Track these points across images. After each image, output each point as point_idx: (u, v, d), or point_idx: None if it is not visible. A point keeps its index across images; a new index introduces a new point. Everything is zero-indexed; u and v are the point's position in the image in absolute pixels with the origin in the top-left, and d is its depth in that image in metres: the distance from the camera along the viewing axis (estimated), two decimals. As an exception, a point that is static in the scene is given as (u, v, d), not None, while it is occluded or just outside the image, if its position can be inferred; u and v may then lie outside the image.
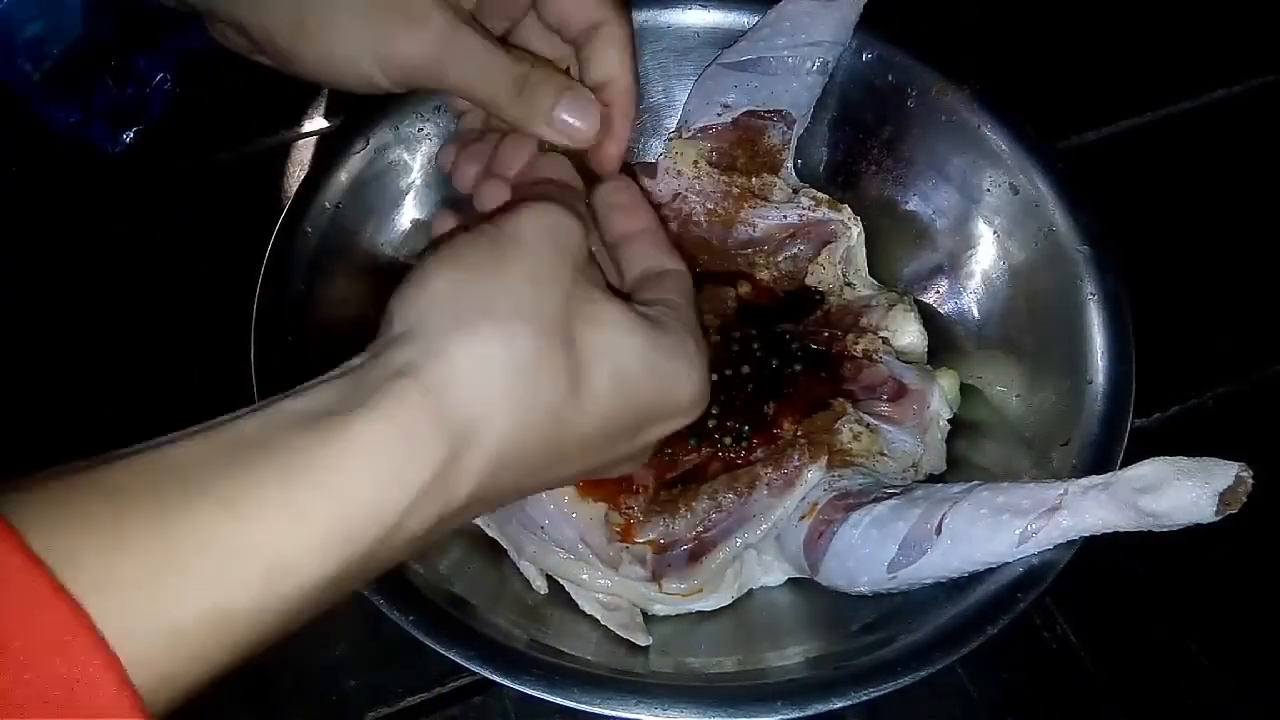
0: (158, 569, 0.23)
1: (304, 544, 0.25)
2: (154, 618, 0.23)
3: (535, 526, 0.46)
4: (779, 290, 0.56)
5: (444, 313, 0.30)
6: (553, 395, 0.30)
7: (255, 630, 0.25)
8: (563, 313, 0.31)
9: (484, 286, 0.30)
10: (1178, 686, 0.50)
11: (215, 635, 0.24)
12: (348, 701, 0.48)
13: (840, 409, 0.49)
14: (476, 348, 0.29)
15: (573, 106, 0.40)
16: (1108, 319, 0.48)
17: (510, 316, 0.30)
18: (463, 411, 0.28)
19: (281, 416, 0.27)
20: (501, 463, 0.29)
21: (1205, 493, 0.35)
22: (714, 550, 0.46)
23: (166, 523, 0.24)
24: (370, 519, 0.26)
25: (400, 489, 0.27)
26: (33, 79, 0.63)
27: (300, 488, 0.25)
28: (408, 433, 0.27)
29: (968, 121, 0.53)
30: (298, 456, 0.26)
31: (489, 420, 0.29)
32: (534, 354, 0.30)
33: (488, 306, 0.30)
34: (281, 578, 0.25)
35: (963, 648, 0.39)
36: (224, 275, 0.51)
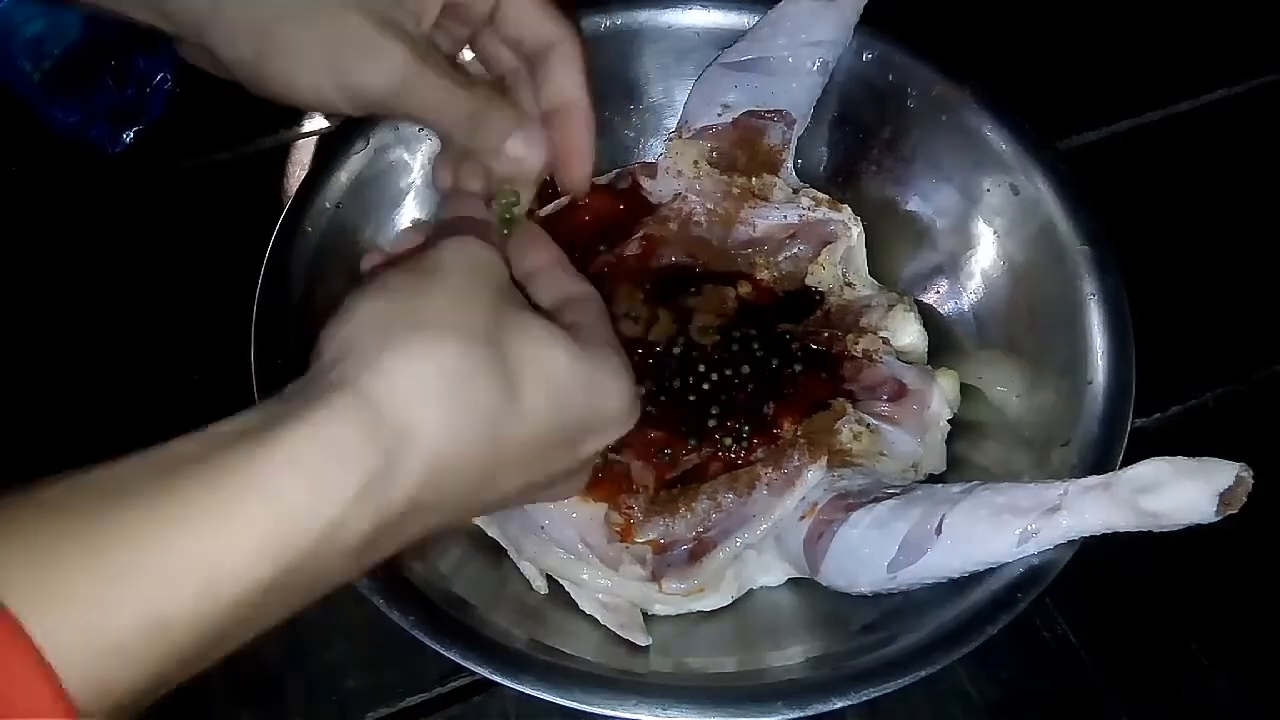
0: (91, 580, 0.23)
1: (237, 551, 0.25)
2: (89, 628, 0.23)
3: (535, 526, 0.46)
4: (779, 290, 0.55)
5: (372, 333, 0.30)
6: (488, 402, 0.31)
7: (194, 639, 0.25)
8: (489, 327, 0.32)
9: (409, 305, 0.31)
10: (1178, 686, 0.50)
11: (153, 644, 0.24)
12: (348, 701, 0.48)
13: (840, 409, 0.49)
14: (407, 359, 0.30)
15: (521, 141, 0.42)
16: (1108, 319, 0.48)
17: (438, 329, 0.31)
18: (395, 419, 0.28)
19: (215, 435, 0.27)
20: (439, 471, 0.30)
21: (1205, 493, 0.35)
22: (714, 550, 0.46)
23: (100, 537, 0.24)
24: (303, 525, 0.26)
25: (332, 495, 0.27)
26: (33, 79, 0.64)
27: (231, 497, 0.25)
28: (337, 441, 0.27)
29: (968, 121, 0.53)
30: (228, 468, 0.26)
31: (423, 427, 0.29)
32: (465, 362, 0.30)
33: (415, 321, 0.31)
34: (216, 586, 0.25)
35: (963, 648, 0.39)
36: (224, 275, 0.51)
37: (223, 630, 0.25)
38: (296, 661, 0.49)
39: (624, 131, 0.60)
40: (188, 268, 0.61)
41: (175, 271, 0.61)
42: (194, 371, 0.58)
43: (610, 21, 0.57)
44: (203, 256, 0.61)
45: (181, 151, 0.66)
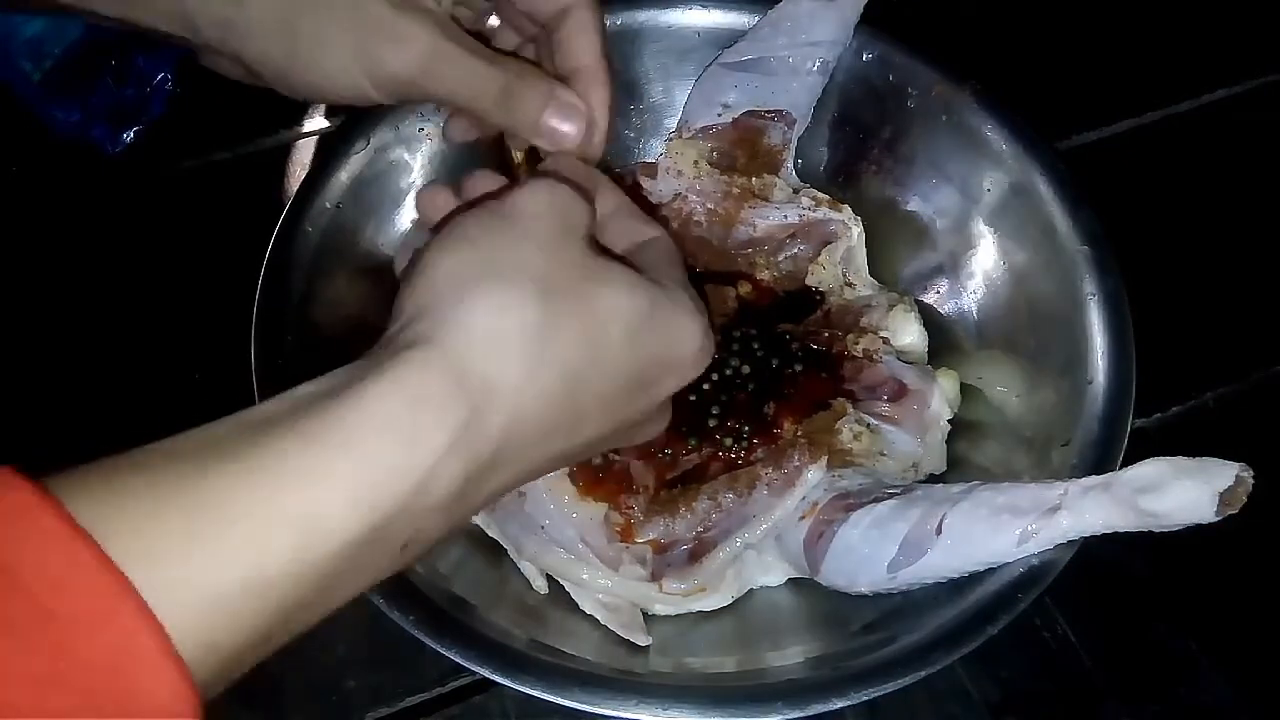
0: (194, 537, 0.24)
1: (333, 506, 0.26)
2: (194, 585, 0.23)
3: (535, 526, 0.47)
4: (779, 290, 0.56)
5: (451, 286, 0.31)
6: (568, 353, 0.31)
7: (294, 593, 0.25)
8: (571, 276, 0.32)
9: (489, 256, 0.31)
10: (1178, 686, 0.50)
11: (254, 600, 0.24)
12: (348, 701, 0.48)
13: (840, 409, 0.49)
14: (487, 312, 0.30)
15: (557, 113, 0.41)
16: (1108, 319, 0.48)
17: (519, 279, 0.31)
18: (478, 371, 0.29)
19: (302, 396, 0.28)
20: (522, 422, 0.30)
21: (1205, 493, 0.35)
22: (714, 550, 0.46)
23: (200, 494, 0.24)
24: (395, 478, 0.27)
25: (422, 449, 0.27)
26: (33, 79, 0.64)
27: (324, 453, 0.26)
28: (424, 394, 0.28)
29: (968, 121, 0.53)
30: (319, 425, 0.26)
31: (505, 379, 0.29)
32: (546, 313, 0.30)
33: (495, 273, 0.31)
34: (313, 540, 0.25)
35: (963, 648, 0.39)
36: (224, 275, 0.51)
37: (321, 585, 0.26)
38: (296, 661, 0.49)
39: (624, 131, 0.60)
40: (188, 268, 0.61)
41: (175, 271, 0.61)
42: (194, 371, 0.58)
43: (610, 21, 0.56)
44: (203, 256, 0.61)
45: (181, 151, 0.66)
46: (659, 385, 0.36)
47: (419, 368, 0.28)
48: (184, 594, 0.23)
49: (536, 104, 0.40)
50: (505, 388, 0.29)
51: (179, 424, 0.27)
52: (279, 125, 0.68)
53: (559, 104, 0.41)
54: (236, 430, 0.26)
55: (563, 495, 0.47)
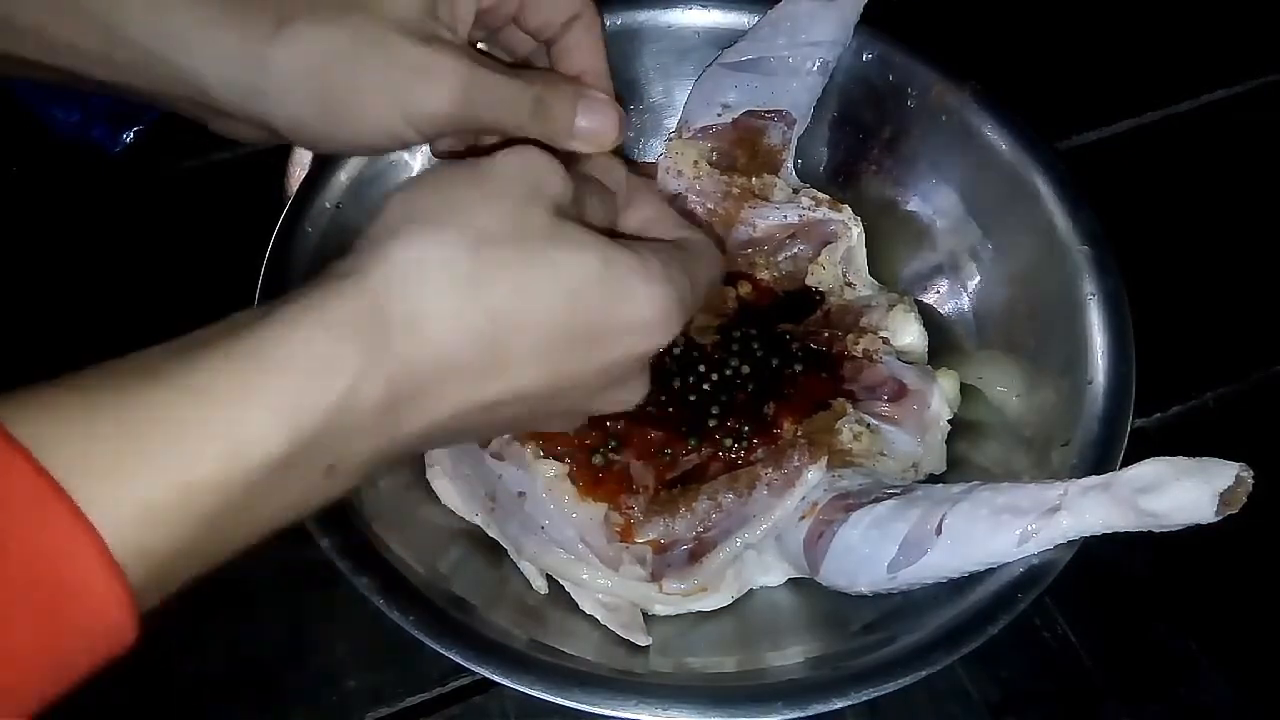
0: (125, 449, 0.25)
1: (255, 420, 0.27)
2: (126, 493, 0.25)
3: (535, 526, 0.47)
4: (779, 290, 0.56)
5: (396, 223, 0.32)
6: (496, 296, 0.32)
7: (222, 504, 0.27)
8: (513, 230, 0.33)
9: (441, 202, 0.33)
10: (1178, 686, 0.50)
11: (184, 508, 0.26)
12: (348, 702, 0.48)
13: (840, 409, 0.49)
14: (413, 252, 0.31)
15: (591, 114, 0.41)
16: (1108, 319, 0.48)
17: (457, 225, 0.32)
18: (396, 306, 0.30)
19: (238, 319, 0.29)
20: (445, 354, 0.31)
21: (1205, 493, 0.35)
22: (714, 550, 0.46)
23: (132, 409, 0.26)
24: (313, 395, 0.28)
25: (337, 369, 0.29)
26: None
27: (249, 369, 0.28)
28: (340, 319, 0.29)
29: (968, 121, 0.53)
30: (245, 347, 0.28)
31: (425, 318, 0.31)
32: (478, 259, 0.31)
33: (437, 217, 0.32)
34: (238, 451, 0.27)
35: (963, 648, 0.39)
36: (224, 275, 0.51)
37: (247, 497, 0.27)
38: (296, 661, 0.49)
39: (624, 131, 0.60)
40: (188, 268, 0.61)
41: (175, 271, 0.61)
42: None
43: (610, 21, 0.57)
44: (203, 256, 0.61)
45: (181, 151, 0.66)
46: (608, 344, 0.35)
47: (340, 296, 0.30)
48: (116, 501, 0.25)
49: (568, 110, 0.41)
50: (425, 320, 0.30)
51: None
52: (279, 125, 0.68)
53: (589, 104, 0.41)
54: (169, 353, 0.28)
55: (563, 495, 0.46)
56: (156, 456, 0.26)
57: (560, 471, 0.47)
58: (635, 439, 0.48)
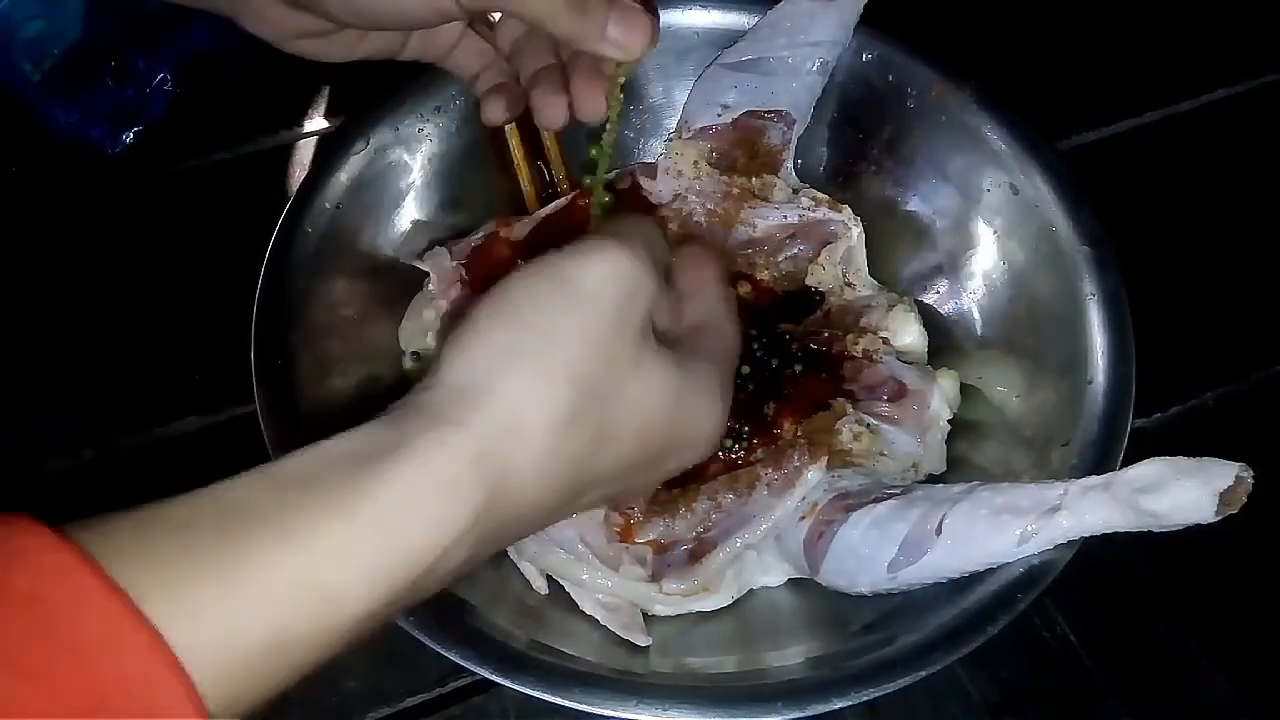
0: (224, 597, 0.24)
1: (355, 579, 0.26)
2: (222, 643, 0.24)
3: (535, 526, 0.46)
4: (779, 290, 0.55)
5: (491, 362, 0.31)
6: (583, 446, 0.31)
7: (311, 655, 0.26)
8: (610, 368, 0.32)
9: (533, 334, 0.31)
10: (1178, 686, 0.50)
11: (276, 660, 0.25)
12: (348, 702, 0.48)
13: (840, 409, 0.49)
14: (516, 402, 0.30)
15: (624, 20, 0.41)
16: (1108, 319, 0.48)
17: (553, 370, 0.31)
18: (499, 461, 0.29)
19: (332, 456, 0.28)
20: (528, 505, 0.31)
21: (1205, 493, 0.35)
22: (714, 550, 0.46)
23: (231, 555, 0.25)
24: (415, 558, 0.28)
25: (441, 532, 0.28)
26: (33, 79, 0.64)
27: (352, 526, 0.27)
28: (451, 479, 0.28)
29: (968, 121, 0.53)
30: (349, 495, 0.27)
31: (522, 469, 0.30)
32: (573, 409, 0.31)
33: (533, 355, 0.31)
34: (334, 610, 0.26)
35: (963, 648, 0.39)
36: (224, 275, 0.51)
37: (332, 648, 0.27)
38: (296, 661, 0.49)
39: (624, 131, 0.60)
40: (188, 268, 0.61)
41: (175, 271, 0.61)
42: (194, 372, 0.57)
43: (610, 21, 0.57)
44: (203, 256, 0.61)
45: (181, 151, 0.66)
46: (662, 465, 0.36)
47: (448, 450, 0.28)
48: (213, 653, 0.24)
49: (603, 10, 0.40)
50: (519, 477, 0.30)
51: (180, 423, 0.27)
52: (279, 125, 0.68)
53: (623, 10, 0.41)
54: (267, 489, 0.27)
55: (563, 495, 0.46)
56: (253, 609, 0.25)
57: (560, 471, 0.47)
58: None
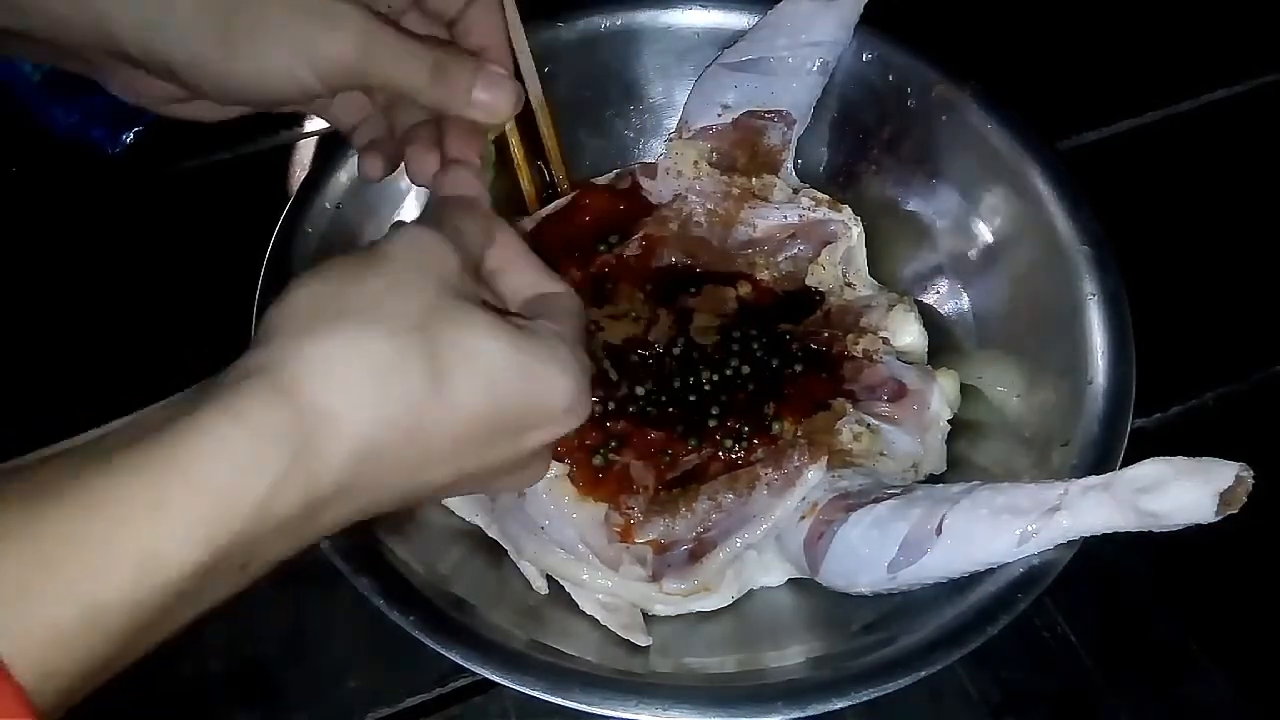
0: (31, 570, 0.24)
1: (168, 535, 0.26)
2: (31, 617, 0.24)
3: (535, 526, 0.46)
4: (779, 290, 0.55)
5: (300, 318, 0.31)
6: (411, 392, 0.31)
7: (132, 623, 0.26)
8: (423, 316, 0.32)
9: (342, 290, 0.32)
10: (1178, 686, 0.50)
11: (92, 630, 0.25)
12: (348, 702, 0.48)
13: (840, 409, 0.49)
14: (328, 346, 0.30)
15: (489, 85, 0.42)
16: (1108, 319, 0.48)
17: (366, 317, 0.31)
18: (315, 404, 0.29)
19: (145, 421, 0.28)
20: (363, 456, 0.30)
21: (1205, 493, 0.35)
22: (714, 550, 0.46)
23: (37, 528, 0.25)
24: (230, 508, 0.27)
25: (256, 477, 0.28)
26: (33, 80, 0.64)
27: (161, 484, 0.26)
28: (258, 423, 0.28)
29: (968, 121, 0.53)
30: (158, 456, 0.27)
31: (345, 413, 0.30)
32: (390, 352, 0.31)
33: (344, 308, 0.31)
34: (151, 572, 0.26)
35: (963, 648, 0.39)
36: (224, 275, 0.51)
37: (160, 612, 0.26)
38: (296, 661, 0.49)
39: (624, 131, 0.60)
40: (188, 268, 0.61)
41: (175, 272, 0.61)
42: (194, 372, 0.57)
43: (610, 21, 0.57)
44: (203, 256, 0.61)
45: (181, 151, 0.66)
46: (522, 436, 0.36)
47: (254, 396, 0.29)
48: (22, 627, 0.24)
49: (466, 79, 0.41)
50: (345, 419, 0.30)
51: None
52: (279, 125, 0.68)
53: (488, 76, 0.42)
54: (77, 460, 0.27)
55: (563, 496, 0.46)
56: (65, 579, 0.25)
57: (560, 472, 0.47)
58: (635, 439, 0.48)
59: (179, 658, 0.48)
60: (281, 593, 0.50)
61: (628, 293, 0.53)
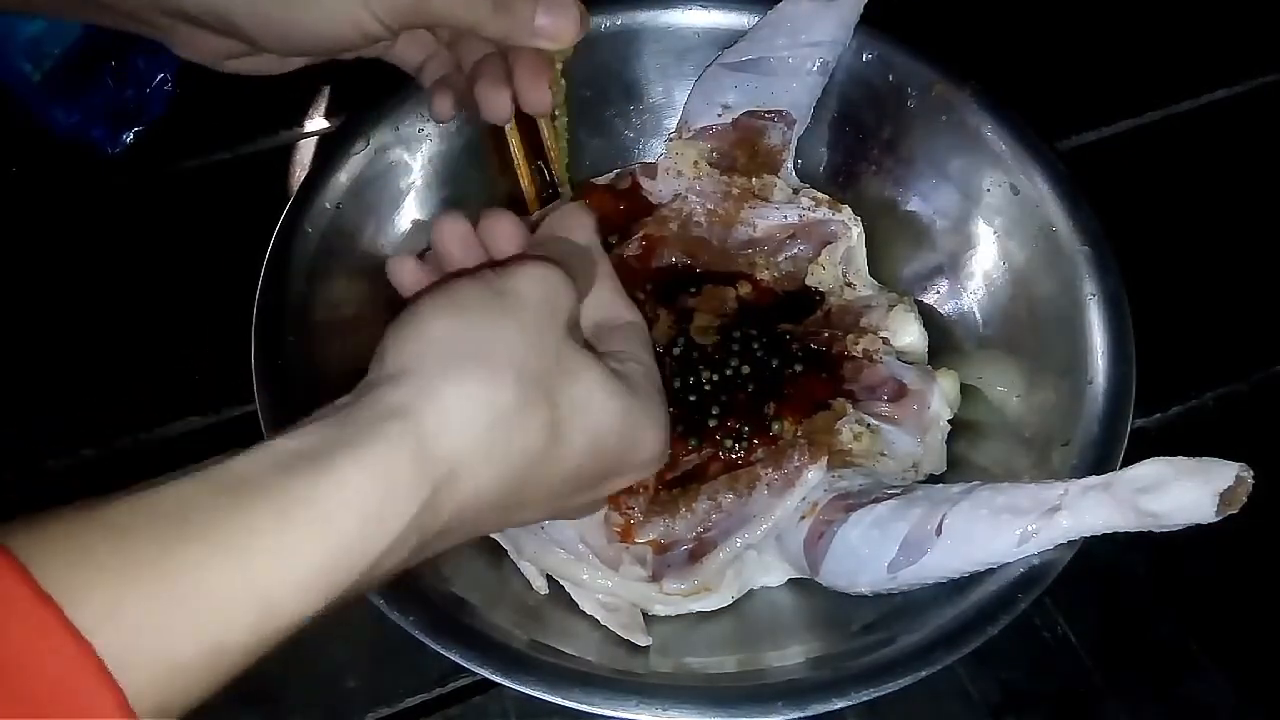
0: (160, 606, 0.24)
1: (293, 583, 0.26)
2: (155, 652, 0.24)
3: (535, 527, 0.46)
4: (779, 290, 0.56)
5: (437, 357, 0.31)
6: (529, 449, 0.32)
7: (245, 661, 0.26)
8: (549, 368, 0.32)
9: (478, 334, 0.32)
10: (1178, 686, 0.50)
11: (209, 668, 0.25)
12: (348, 702, 0.48)
13: (840, 409, 0.49)
14: (465, 395, 0.30)
15: (550, 9, 0.41)
16: (1108, 319, 0.48)
17: (500, 366, 0.31)
18: (445, 455, 0.29)
19: (273, 457, 0.28)
20: (473, 502, 0.31)
21: (1205, 493, 0.35)
22: (714, 550, 0.46)
23: (167, 562, 0.25)
24: (354, 558, 0.27)
25: (382, 529, 0.28)
26: (33, 79, 0.63)
27: (289, 529, 0.26)
28: (393, 476, 0.28)
29: (968, 121, 0.53)
30: (288, 497, 0.27)
31: (468, 465, 0.30)
32: (518, 404, 0.31)
33: (482, 353, 0.31)
34: (272, 615, 0.26)
35: (963, 648, 0.39)
36: (224, 275, 0.51)
37: (266, 651, 0.27)
38: (296, 661, 0.49)
39: (624, 131, 0.60)
40: (188, 268, 0.61)
41: (175, 271, 0.61)
42: (194, 372, 0.57)
43: (610, 21, 0.57)
44: (203, 256, 0.61)
45: (181, 151, 0.66)
46: (608, 483, 0.37)
47: (392, 446, 0.28)
48: (145, 662, 0.24)
49: (528, 7, 0.41)
50: (466, 470, 0.30)
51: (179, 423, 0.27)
52: (279, 125, 0.68)
53: (548, 2, 0.41)
54: (206, 492, 0.26)
55: (563, 495, 0.46)
56: (188, 617, 0.24)
57: (560, 471, 0.47)
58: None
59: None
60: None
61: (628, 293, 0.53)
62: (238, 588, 0.25)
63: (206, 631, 0.25)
